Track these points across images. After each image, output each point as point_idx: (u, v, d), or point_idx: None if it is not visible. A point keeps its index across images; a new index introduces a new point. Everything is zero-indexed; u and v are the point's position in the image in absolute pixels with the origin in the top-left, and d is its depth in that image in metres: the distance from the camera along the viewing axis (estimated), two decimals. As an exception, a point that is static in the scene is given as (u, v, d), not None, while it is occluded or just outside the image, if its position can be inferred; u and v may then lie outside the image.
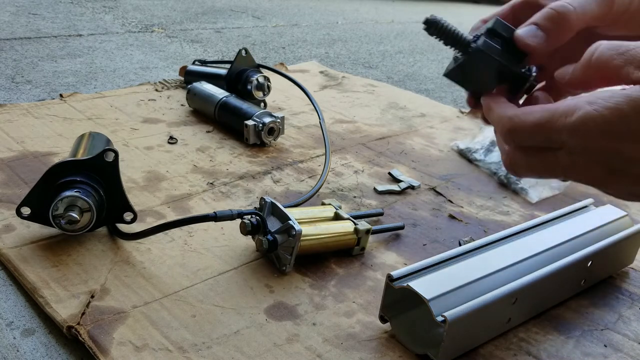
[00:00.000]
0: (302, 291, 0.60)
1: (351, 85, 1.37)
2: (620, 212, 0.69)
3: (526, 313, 0.57)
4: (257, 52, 1.67)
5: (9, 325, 0.52)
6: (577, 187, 0.91)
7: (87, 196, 0.60)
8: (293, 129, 1.04)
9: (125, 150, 0.87)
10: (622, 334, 0.58)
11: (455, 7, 3.76)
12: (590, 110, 0.35)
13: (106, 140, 0.73)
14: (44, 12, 1.81)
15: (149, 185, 0.78)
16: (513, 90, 0.44)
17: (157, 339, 0.51)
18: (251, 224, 0.61)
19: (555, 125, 0.36)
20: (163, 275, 0.60)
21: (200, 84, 1.05)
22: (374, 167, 0.92)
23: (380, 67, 1.71)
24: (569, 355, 0.54)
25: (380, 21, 2.61)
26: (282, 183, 0.83)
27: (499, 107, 0.41)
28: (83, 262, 0.60)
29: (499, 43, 0.42)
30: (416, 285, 0.51)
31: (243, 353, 0.50)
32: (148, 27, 1.80)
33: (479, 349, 0.54)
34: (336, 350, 0.52)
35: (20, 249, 0.61)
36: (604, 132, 0.35)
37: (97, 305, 0.54)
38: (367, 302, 0.59)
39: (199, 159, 0.88)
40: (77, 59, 1.36)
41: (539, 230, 0.65)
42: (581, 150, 0.36)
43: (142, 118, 1.01)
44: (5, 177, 0.75)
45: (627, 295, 0.64)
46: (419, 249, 0.70)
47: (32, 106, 1.00)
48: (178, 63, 1.41)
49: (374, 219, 0.75)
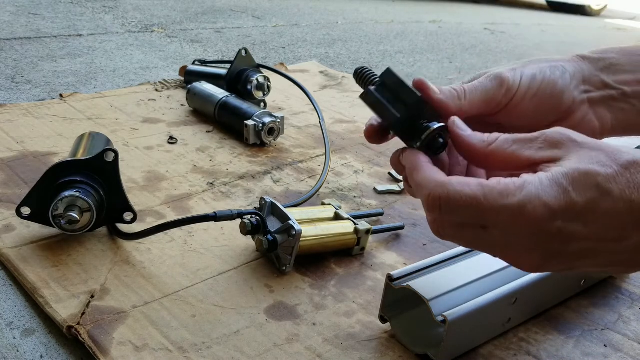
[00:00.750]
0: (302, 291, 0.60)
1: (351, 85, 1.37)
2: (620, 212, 0.69)
3: (526, 313, 0.57)
4: (257, 52, 1.67)
5: (9, 325, 0.52)
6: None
7: (87, 196, 0.60)
8: (293, 129, 1.04)
9: (125, 150, 0.87)
10: (622, 334, 0.58)
11: (455, 7, 3.76)
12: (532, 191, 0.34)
13: (106, 140, 0.73)
14: (44, 12, 1.82)
15: (149, 185, 0.78)
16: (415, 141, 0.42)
17: (157, 339, 0.51)
18: (251, 224, 0.61)
19: (493, 204, 0.35)
20: (163, 275, 0.60)
21: (200, 84, 1.05)
22: (374, 167, 0.92)
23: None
24: (569, 355, 0.54)
25: (380, 21, 2.61)
26: (282, 183, 0.83)
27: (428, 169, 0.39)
28: (83, 262, 0.60)
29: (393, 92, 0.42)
30: (416, 285, 0.51)
31: (243, 353, 0.50)
32: (148, 27, 1.80)
33: (479, 349, 0.54)
34: (336, 350, 0.52)
35: (20, 249, 0.61)
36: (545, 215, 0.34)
37: (97, 305, 0.54)
38: (367, 302, 0.59)
39: (199, 159, 0.88)
40: (77, 59, 1.36)
41: (539, 230, 0.65)
42: (517, 231, 0.35)
43: (142, 118, 1.01)
44: (5, 177, 0.75)
45: (627, 295, 0.64)
46: (419, 249, 0.70)
47: (32, 106, 1.00)
48: (178, 63, 1.42)
49: (374, 219, 0.75)
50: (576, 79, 0.47)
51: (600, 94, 0.47)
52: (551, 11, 4.36)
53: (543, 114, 0.46)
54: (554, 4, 4.45)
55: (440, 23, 2.78)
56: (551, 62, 0.47)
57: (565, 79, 0.46)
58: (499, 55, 2.17)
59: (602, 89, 0.47)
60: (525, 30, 2.99)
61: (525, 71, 0.46)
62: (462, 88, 0.44)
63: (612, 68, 0.47)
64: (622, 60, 0.47)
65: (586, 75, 0.47)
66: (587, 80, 0.47)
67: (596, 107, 0.47)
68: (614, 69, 0.47)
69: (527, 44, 2.52)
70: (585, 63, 0.48)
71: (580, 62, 0.48)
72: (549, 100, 0.46)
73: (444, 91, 0.43)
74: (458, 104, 0.43)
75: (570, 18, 4.06)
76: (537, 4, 4.67)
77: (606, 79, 0.47)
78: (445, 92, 0.43)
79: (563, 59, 0.48)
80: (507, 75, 0.45)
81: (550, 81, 0.46)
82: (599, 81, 0.47)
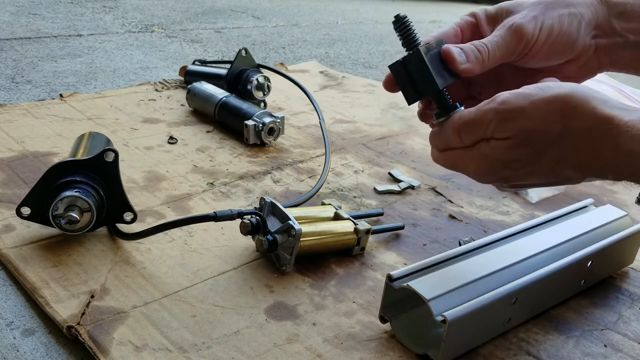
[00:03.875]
0: (302, 291, 0.60)
1: (351, 85, 1.37)
2: (620, 212, 0.69)
3: (526, 313, 0.57)
4: (257, 52, 1.67)
5: (9, 325, 0.52)
6: (577, 187, 0.91)
7: (87, 196, 0.60)
8: (293, 129, 1.04)
9: (125, 150, 0.87)
10: (622, 334, 0.58)
11: (455, 7, 3.76)
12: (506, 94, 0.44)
13: (106, 140, 0.73)
14: (44, 12, 1.82)
15: (149, 185, 0.78)
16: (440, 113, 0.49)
17: (157, 339, 0.51)
18: (251, 224, 0.61)
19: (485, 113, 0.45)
20: (163, 275, 0.60)
21: (200, 84, 1.05)
22: (374, 167, 0.92)
23: (380, 67, 1.71)
24: (569, 355, 0.54)
25: (380, 21, 2.61)
26: (282, 183, 0.83)
27: None
28: (83, 262, 0.60)
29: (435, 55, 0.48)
30: (416, 285, 0.51)
31: (243, 353, 0.50)
32: (148, 27, 1.81)
33: (479, 349, 0.54)
34: (336, 350, 0.52)
35: (20, 249, 0.61)
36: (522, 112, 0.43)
37: (97, 305, 0.54)
38: (367, 302, 0.59)
39: (199, 159, 0.88)
40: (77, 59, 1.36)
41: (539, 230, 0.65)
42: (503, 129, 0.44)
43: (142, 118, 1.01)
44: (5, 177, 0.75)
45: (627, 295, 0.64)
46: (419, 249, 0.70)
47: (32, 106, 1.00)
48: (178, 63, 1.42)
49: (374, 219, 0.75)
50: (590, 25, 0.51)
51: (606, 41, 0.51)
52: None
53: (555, 58, 0.52)
54: (554, 4, 4.44)
55: (440, 23, 2.78)
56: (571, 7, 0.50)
57: (580, 29, 0.50)
58: (499, 55, 2.17)
59: (609, 35, 0.51)
60: (525, 30, 2.98)
61: (546, 20, 0.50)
62: (485, 48, 0.49)
63: (626, 14, 0.50)
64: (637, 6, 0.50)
65: (600, 21, 0.51)
66: (599, 25, 0.51)
67: (600, 52, 0.52)
68: (626, 15, 0.50)
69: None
70: (604, 7, 0.51)
71: (599, 5, 0.51)
72: (563, 48, 0.51)
73: (469, 57, 0.49)
74: (482, 67, 0.50)
75: (570, 18, 4.05)
76: (537, 4, 4.66)
77: (616, 25, 0.51)
78: (471, 58, 0.49)
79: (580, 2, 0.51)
80: (528, 28, 0.49)
81: (567, 32, 0.50)
82: (608, 27, 0.51)
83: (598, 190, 0.92)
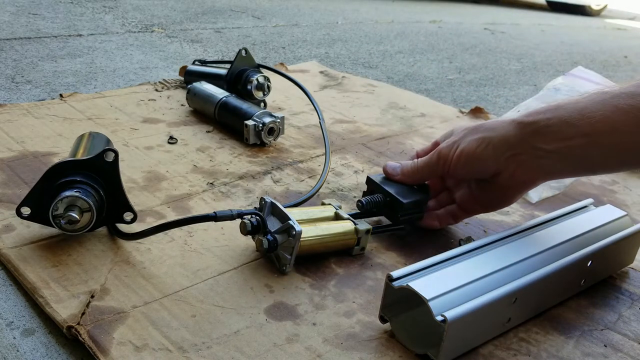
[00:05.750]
0: (302, 291, 0.60)
1: (351, 85, 1.37)
2: (620, 212, 0.69)
3: (526, 313, 0.57)
4: (257, 52, 1.67)
5: (9, 325, 0.52)
6: (577, 187, 0.91)
7: (87, 196, 0.60)
8: (293, 129, 1.04)
9: (125, 150, 0.87)
10: (622, 334, 0.58)
11: (455, 7, 3.76)
12: None
13: (106, 140, 0.73)
14: (44, 12, 1.82)
15: (149, 185, 0.78)
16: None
17: (157, 339, 0.51)
18: (251, 224, 0.61)
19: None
20: (163, 275, 0.60)
21: (200, 84, 1.05)
22: (374, 167, 0.92)
23: (380, 67, 1.71)
24: (569, 355, 0.54)
25: (380, 21, 2.61)
26: (282, 183, 0.83)
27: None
28: (83, 262, 0.60)
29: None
30: (416, 285, 0.51)
31: (243, 353, 0.50)
32: (148, 27, 1.81)
33: (479, 349, 0.54)
34: (336, 350, 0.52)
35: (20, 249, 0.61)
36: None
37: (97, 305, 0.54)
38: (367, 302, 0.59)
39: (199, 159, 0.88)
40: (77, 59, 1.36)
41: (538, 230, 0.65)
42: None
43: (142, 118, 1.01)
44: (5, 177, 0.75)
45: (627, 295, 0.64)
46: (419, 249, 0.70)
47: (32, 106, 1.00)
48: (178, 63, 1.42)
49: (374, 219, 0.75)
50: (503, 146, 0.60)
51: (526, 157, 0.59)
52: (551, 11, 4.36)
53: (476, 173, 0.64)
54: (554, 4, 4.45)
55: (440, 23, 2.78)
56: (485, 132, 0.61)
57: (487, 151, 0.60)
58: (499, 55, 2.17)
59: (527, 151, 0.59)
60: (525, 30, 2.99)
61: (461, 144, 0.62)
62: (414, 166, 0.68)
63: (541, 131, 0.58)
64: (553, 120, 0.57)
65: (512, 142, 0.59)
66: (513, 146, 0.59)
67: (526, 164, 0.60)
68: (543, 132, 0.58)
69: (527, 44, 2.52)
70: (517, 129, 0.59)
71: (512, 128, 0.60)
72: (478, 165, 0.62)
73: (404, 172, 0.69)
74: (412, 180, 0.69)
75: (570, 18, 4.06)
76: (537, 4, 4.67)
77: (533, 143, 0.58)
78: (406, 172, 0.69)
79: (497, 126, 0.61)
80: (445, 151, 0.64)
81: (477, 153, 0.61)
82: (527, 145, 0.59)
83: (598, 190, 0.92)
